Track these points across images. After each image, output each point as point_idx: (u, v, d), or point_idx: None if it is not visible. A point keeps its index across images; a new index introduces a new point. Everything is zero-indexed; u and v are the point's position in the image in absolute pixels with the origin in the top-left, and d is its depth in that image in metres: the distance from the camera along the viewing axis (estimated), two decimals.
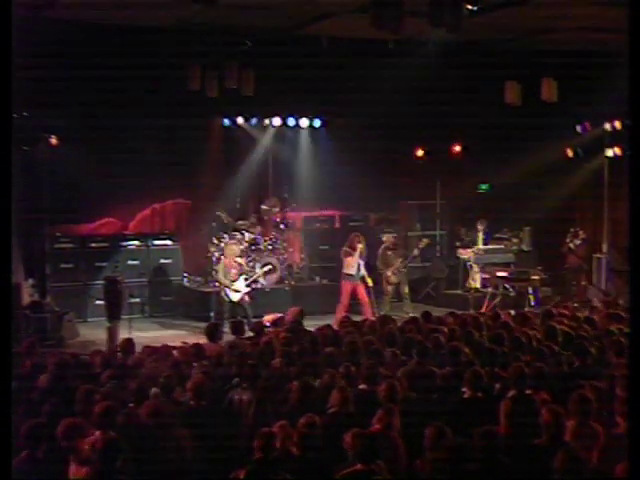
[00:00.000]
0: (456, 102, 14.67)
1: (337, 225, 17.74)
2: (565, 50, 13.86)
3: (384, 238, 15.52)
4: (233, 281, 13.79)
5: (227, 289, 13.75)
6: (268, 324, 11.46)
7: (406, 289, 15.26)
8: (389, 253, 15.14)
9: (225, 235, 15.58)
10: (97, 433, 5.87)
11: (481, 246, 16.77)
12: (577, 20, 12.12)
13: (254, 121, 16.56)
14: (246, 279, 13.99)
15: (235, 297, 13.73)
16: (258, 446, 5.44)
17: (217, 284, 14.31)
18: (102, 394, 6.85)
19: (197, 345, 9.09)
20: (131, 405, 6.82)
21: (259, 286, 15.31)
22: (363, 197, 17.21)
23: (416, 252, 15.75)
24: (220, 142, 16.73)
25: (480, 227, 16.95)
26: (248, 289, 13.97)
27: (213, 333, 9.79)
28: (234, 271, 13.88)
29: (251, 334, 10.37)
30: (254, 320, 12.33)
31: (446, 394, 7.09)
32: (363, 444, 5.40)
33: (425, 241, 15.91)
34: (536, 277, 15.34)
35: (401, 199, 18.42)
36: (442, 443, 5.46)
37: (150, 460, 5.85)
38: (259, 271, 14.98)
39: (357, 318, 12.00)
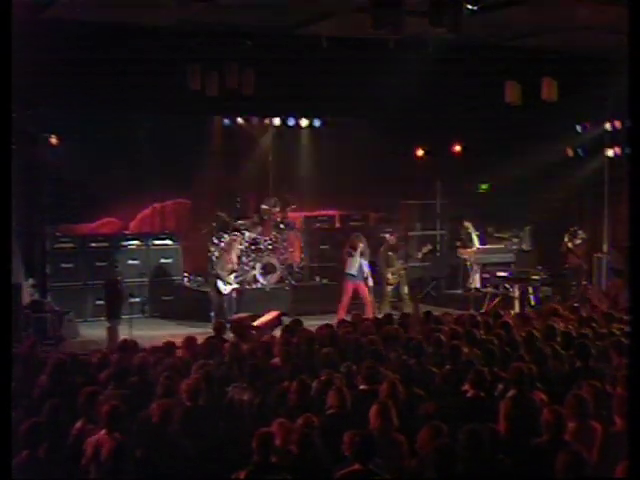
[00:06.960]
0: (456, 102, 14.67)
1: (337, 225, 17.72)
2: (565, 50, 13.85)
3: (387, 237, 15.50)
4: (228, 274, 14.09)
5: (219, 280, 14.00)
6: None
7: (406, 289, 15.24)
8: (390, 254, 15.10)
9: (225, 235, 15.59)
10: (102, 433, 5.87)
11: (480, 246, 16.75)
12: (577, 20, 12.11)
13: (254, 121, 16.56)
14: (237, 277, 14.29)
15: (223, 289, 13.98)
16: (256, 447, 5.42)
17: (214, 274, 14.51)
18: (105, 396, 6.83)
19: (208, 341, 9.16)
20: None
21: (259, 286, 15.33)
22: (363, 197, 17.21)
23: (419, 255, 15.76)
24: (220, 142, 16.75)
25: (467, 225, 16.89)
26: (237, 286, 14.28)
27: (221, 330, 9.88)
28: (230, 266, 14.20)
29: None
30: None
31: (447, 394, 7.09)
32: (360, 444, 5.38)
33: (427, 248, 15.86)
34: (536, 277, 15.33)
35: (401, 199, 18.41)
36: (438, 442, 5.43)
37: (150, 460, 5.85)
38: (253, 272, 15.06)
39: None
